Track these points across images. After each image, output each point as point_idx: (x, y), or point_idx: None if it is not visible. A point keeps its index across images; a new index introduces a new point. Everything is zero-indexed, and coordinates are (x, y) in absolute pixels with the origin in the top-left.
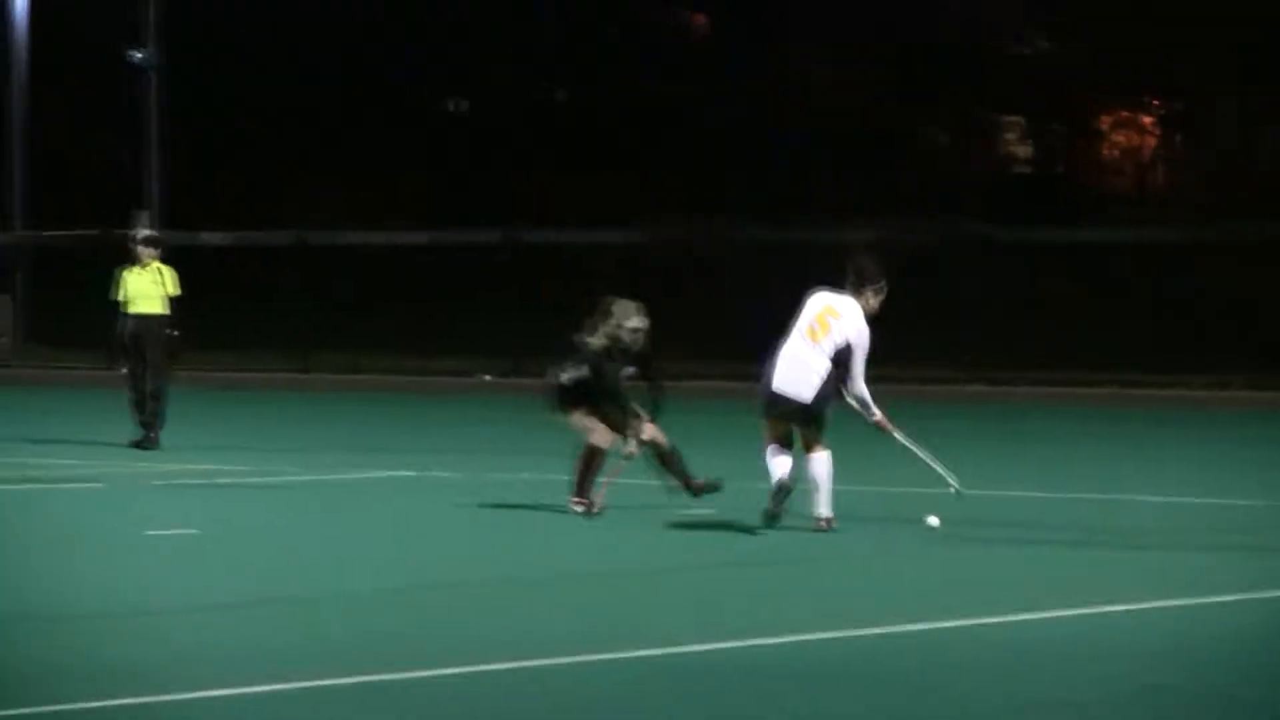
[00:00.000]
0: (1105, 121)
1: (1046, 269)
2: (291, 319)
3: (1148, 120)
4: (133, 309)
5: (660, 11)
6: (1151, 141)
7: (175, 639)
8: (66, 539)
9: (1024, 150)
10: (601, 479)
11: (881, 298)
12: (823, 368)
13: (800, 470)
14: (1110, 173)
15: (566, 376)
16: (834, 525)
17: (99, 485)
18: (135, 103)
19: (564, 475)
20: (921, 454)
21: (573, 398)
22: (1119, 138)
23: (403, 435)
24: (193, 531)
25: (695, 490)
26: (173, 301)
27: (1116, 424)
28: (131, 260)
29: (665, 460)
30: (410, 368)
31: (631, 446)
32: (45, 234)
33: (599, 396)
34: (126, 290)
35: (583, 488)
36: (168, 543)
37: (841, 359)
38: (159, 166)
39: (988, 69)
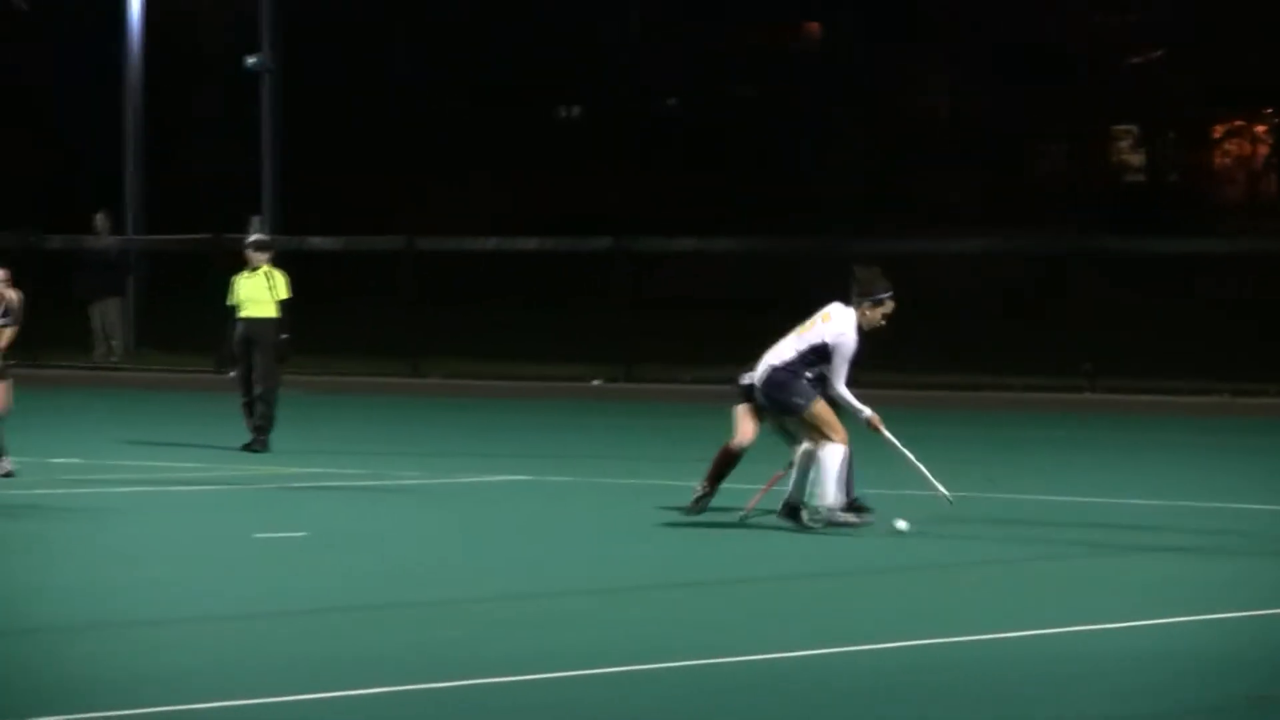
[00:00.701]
0: (1218, 130)
1: (1157, 278)
2: (402, 323)
3: (1261, 129)
4: (243, 313)
5: (773, 18)
6: (1264, 150)
7: (280, 643)
8: (176, 542)
9: (1136, 159)
10: (759, 486)
11: (884, 310)
12: (786, 356)
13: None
14: (1223, 181)
15: (747, 379)
16: (832, 518)
17: (210, 488)
18: (249, 107)
19: (677, 480)
20: (910, 458)
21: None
22: (1231, 146)
23: (516, 439)
24: (302, 534)
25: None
26: (283, 305)
27: (1228, 434)
28: (244, 265)
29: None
30: (522, 372)
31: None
32: (158, 238)
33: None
34: (237, 294)
35: (711, 477)
36: (277, 546)
37: (815, 358)
38: (272, 171)
39: (1102, 78)
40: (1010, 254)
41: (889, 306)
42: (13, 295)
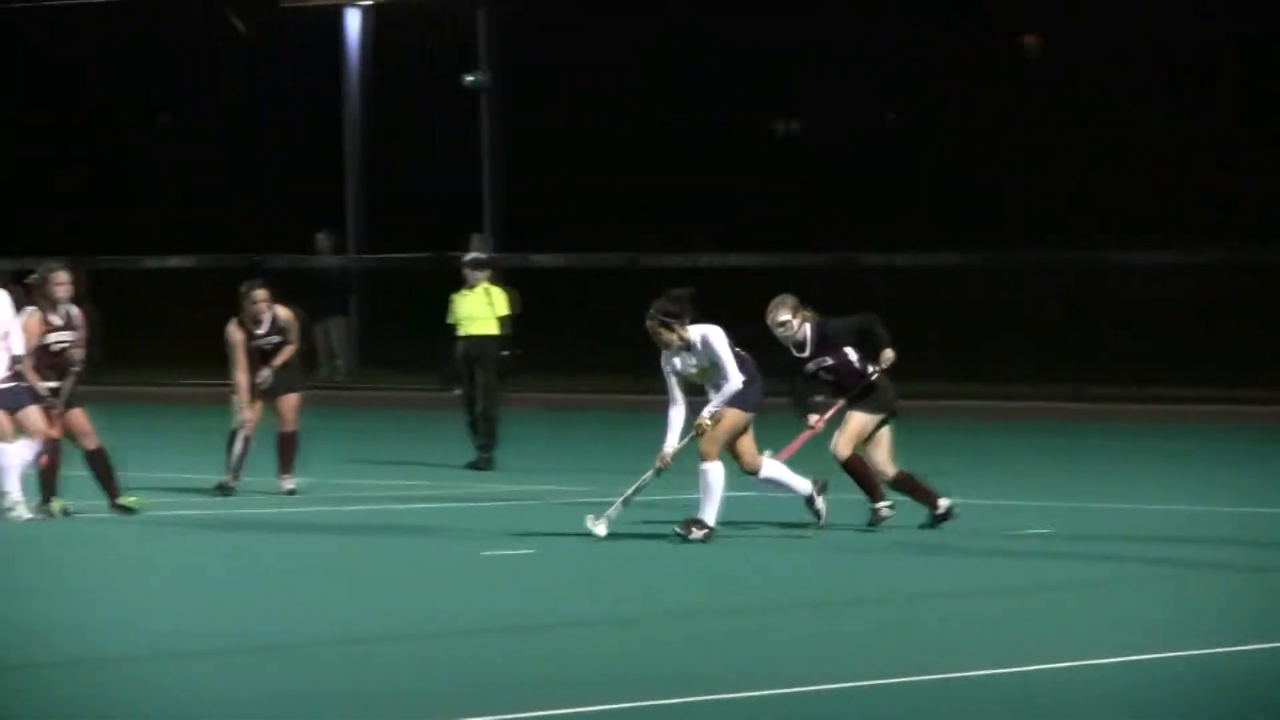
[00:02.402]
0: None
1: None
2: (625, 339)
3: None
4: (464, 331)
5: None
6: None
7: (508, 659)
8: (403, 560)
9: None
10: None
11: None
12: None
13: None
14: None
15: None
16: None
17: (436, 506)
18: (469, 126)
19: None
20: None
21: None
22: None
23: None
24: (530, 552)
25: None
26: (505, 322)
27: None
28: (463, 283)
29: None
30: None
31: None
32: (381, 257)
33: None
34: (457, 313)
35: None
36: (504, 563)
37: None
38: (493, 189)
39: None
40: (1244, 265)
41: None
42: (282, 313)
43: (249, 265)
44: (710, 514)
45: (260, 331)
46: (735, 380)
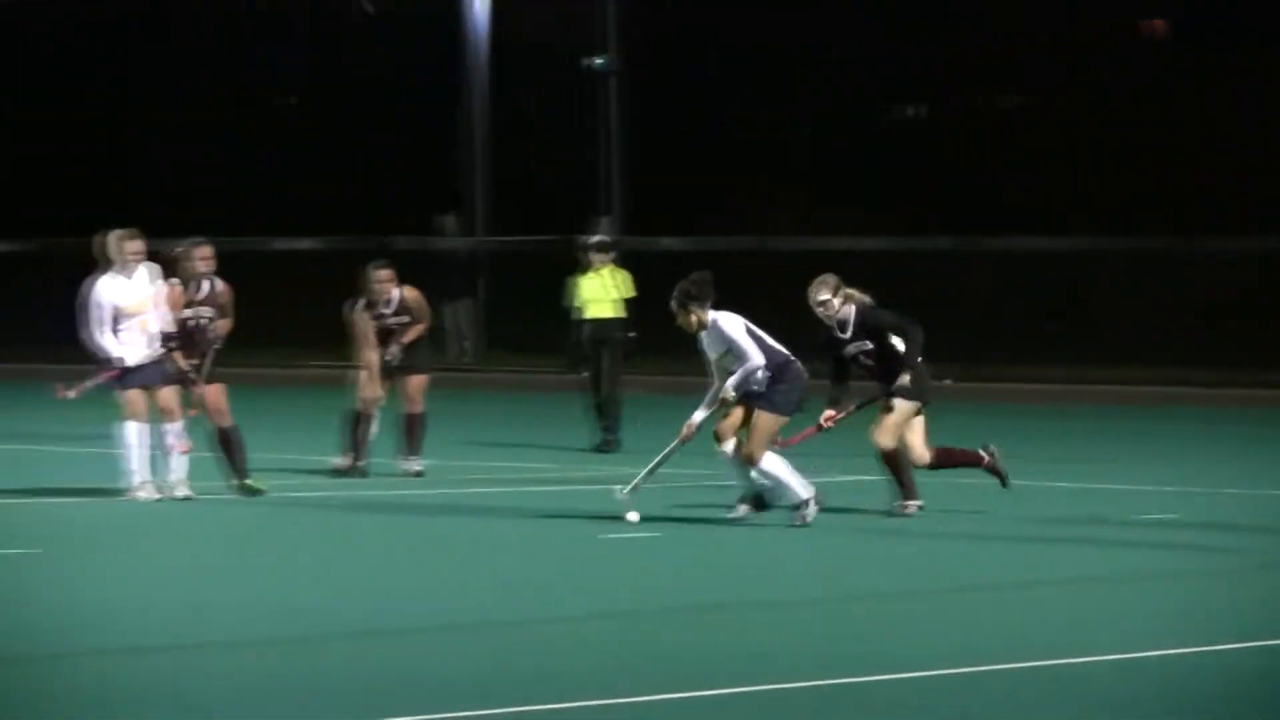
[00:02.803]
0: None
1: None
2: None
3: None
4: (587, 314)
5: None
6: None
7: (630, 643)
8: (528, 543)
9: None
10: None
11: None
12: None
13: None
14: None
15: None
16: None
17: (560, 489)
18: (594, 109)
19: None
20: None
21: None
22: None
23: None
24: (654, 535)
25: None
26: (627, 305)
27: None
28: (583, 266)
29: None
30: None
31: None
32: (507, 239)
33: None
34: (580, 296)
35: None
36: (625, 546)
37: None
38: (618, 172)
39: None
40: None
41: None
42: (408, 293)
43: (376, 247)
44: (796, 493)
45: (386, 311)
46: (753, 359)
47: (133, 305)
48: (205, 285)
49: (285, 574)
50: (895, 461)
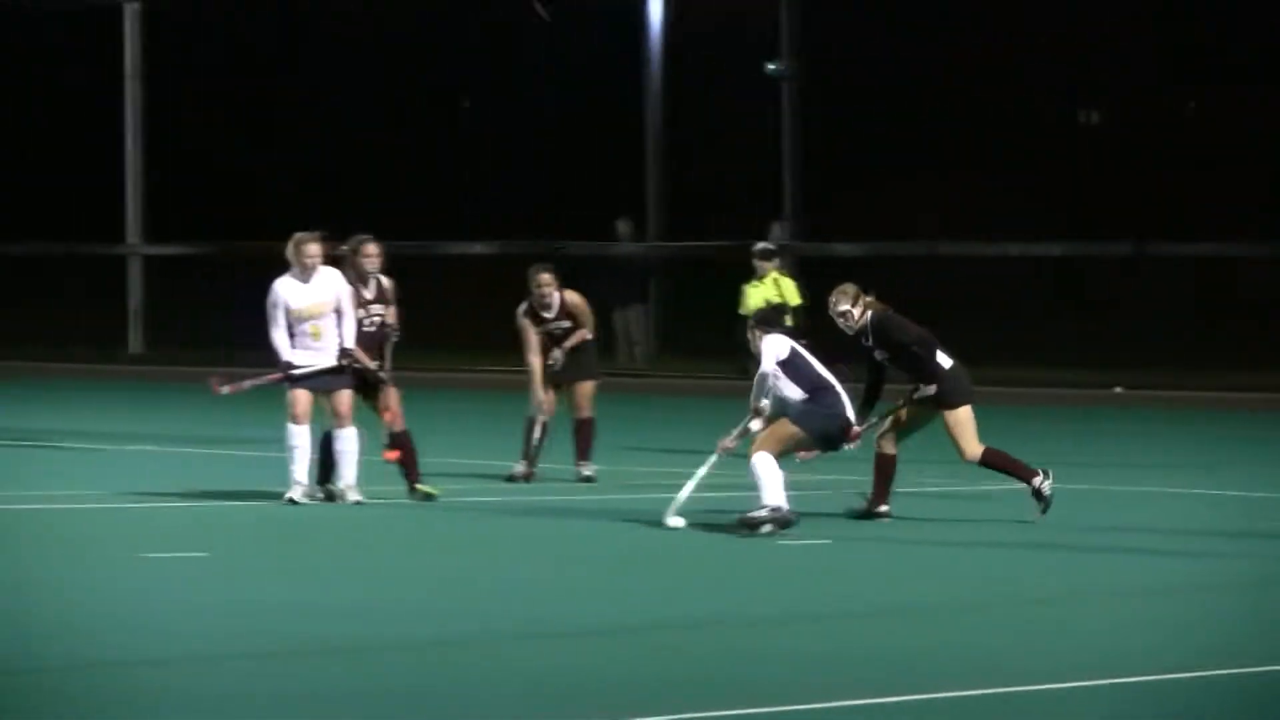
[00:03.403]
0: None
1: None
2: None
3: None
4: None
5: None
6: None
7: (803, 649)
8: (700, 548)
9: None
10: None
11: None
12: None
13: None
14: None
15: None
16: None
17: (732, 495)
18: (771, 113)
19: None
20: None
21: None
22: None
23: (1034, 445)
24: (825, 542)
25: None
26: (795, 312)
27: None
28: (756, 273)
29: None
30: (1035, 379)
31: None
32: (680, 244)
33: None
34: (748, 303)
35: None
36: (798, 552)
37: None
38: (793, 177)
39: None
40: None
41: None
42: (571, 297)
43: (550, 252)
44: (768, 500)
45: (549, 315)
46: (763, 366)
47: (306, 308)
48: (373, 283)
49: (450, 576)
50: (995, 461)
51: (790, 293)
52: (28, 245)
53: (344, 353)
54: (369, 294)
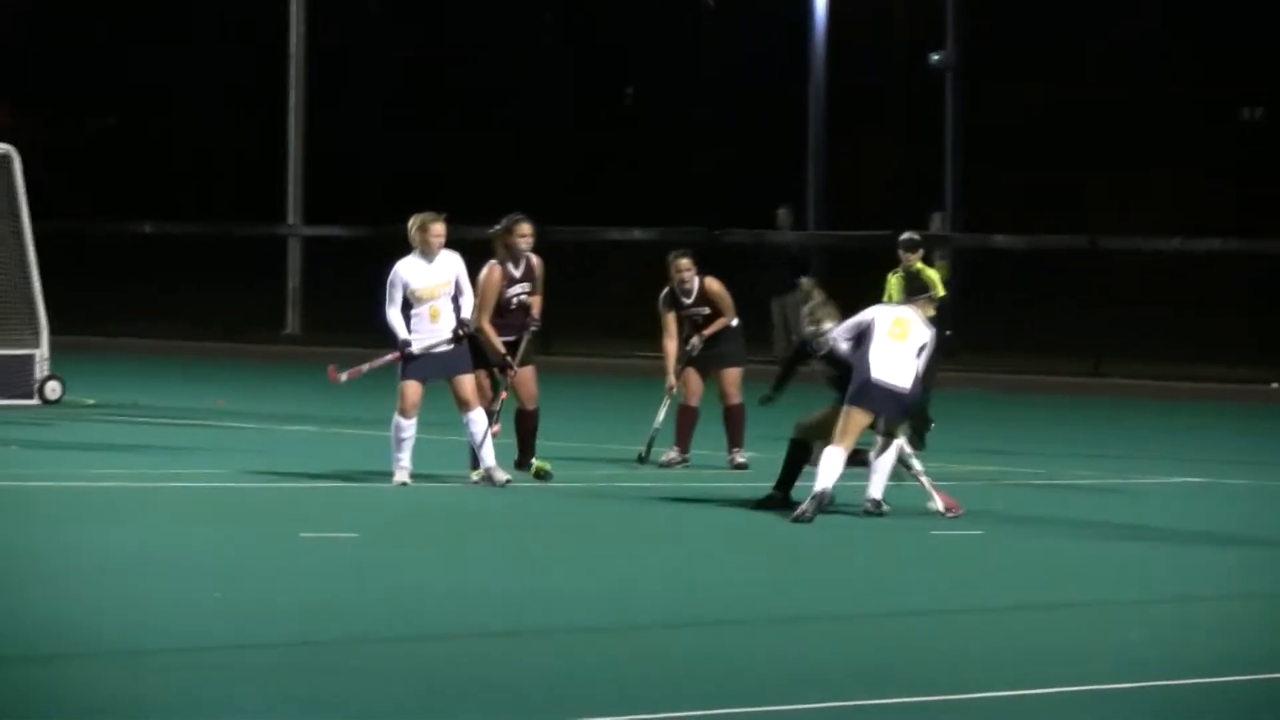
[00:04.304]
0: None
1: None
2: (1084, 322)
3: None
4: None
5: None
6: None
7: (948, 640)
8: (848, 537)
9: None
10: None
11: (935, 304)
12: (915, 362)
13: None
14: None
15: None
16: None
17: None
18: (935, 104)
19: None
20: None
21: None
22: None
23: (1193, 441)
24: (978, 533)
25: None
26: (940, 303)
27: None
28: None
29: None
30: (1201, 374)
31: None
32: (839, 234)
33: None
34: (891, 294)
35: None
36: (949, 543)
37: (920, 356)
38: (954, 168)
39: None
40: None
41: (936, 301)
42: (711, 284)
43: (707, 239)
44: (818, 486)
45: (688, 301)
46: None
47: (426, 289)
48: (523, 263)
49: (595, 562)
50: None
51: (935, 284)
52: (191, 225)
53: (461, 324)
54: (517, 273)
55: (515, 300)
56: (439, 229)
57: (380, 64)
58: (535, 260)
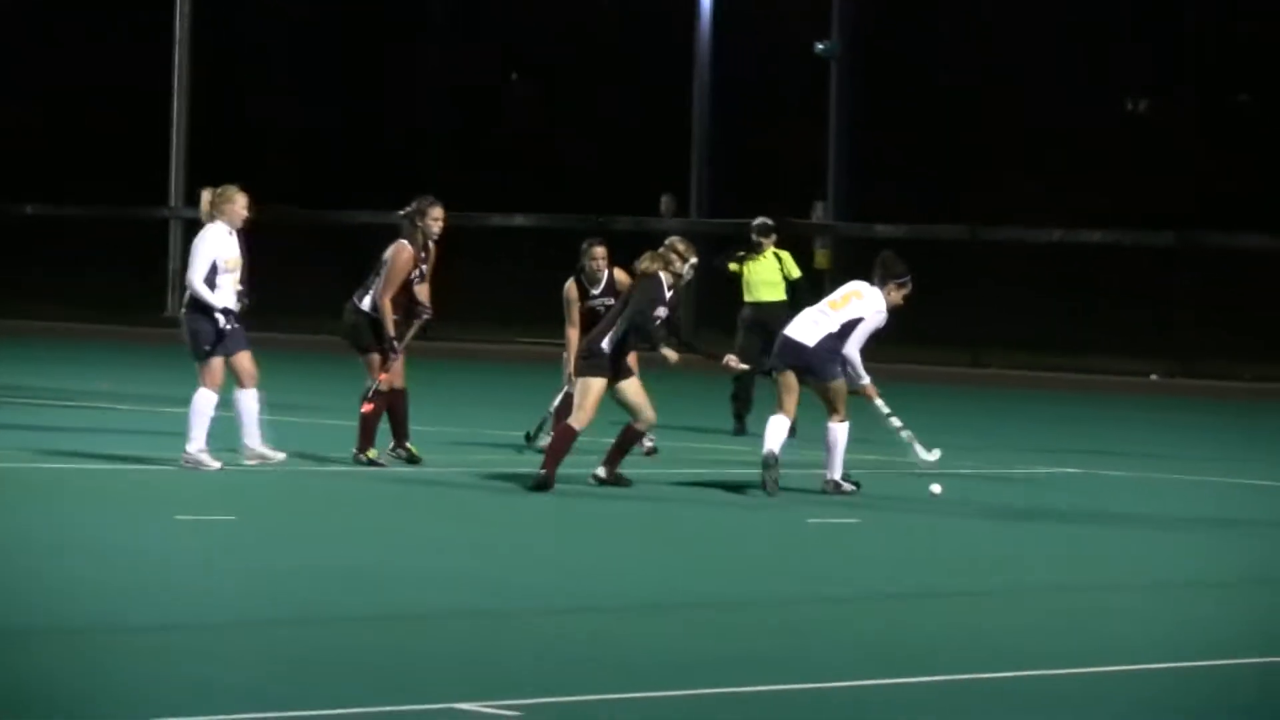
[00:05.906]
0: None
1: None
2: (963, 313)
3: None
4: (751, 297)
5: None
6: None
7: (824, 628)
8: (724, 529)
9: None
10: None
11: (905, 292)
12: (831, 326)
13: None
14: None
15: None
16: (841, 490)
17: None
18: (819, 93)
19: (1231, 477)
20: (896, 423)
21: None
22: None
23: (1069, 431)
24: (854, 521)
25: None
26: (795, 285)
27: None
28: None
29: None
30: (1079, 364)
31: None
32: (720, 221)
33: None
34: (748, 279)
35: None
36: (826, 531)
37: (848, 329)
38: (838, 157)
39: None
40: None
41: (909, 289)
42: (620, 276)
43: (593, 226)
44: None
45: (596, 291)
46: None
47: (234, 259)
48: (430, 248)
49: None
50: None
51: (790, 266)
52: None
53: (244, 295)
54: (425, 258)
55: (416, 277)
56: (244, 201)
57: (274, 47)
58: (433, 247)
